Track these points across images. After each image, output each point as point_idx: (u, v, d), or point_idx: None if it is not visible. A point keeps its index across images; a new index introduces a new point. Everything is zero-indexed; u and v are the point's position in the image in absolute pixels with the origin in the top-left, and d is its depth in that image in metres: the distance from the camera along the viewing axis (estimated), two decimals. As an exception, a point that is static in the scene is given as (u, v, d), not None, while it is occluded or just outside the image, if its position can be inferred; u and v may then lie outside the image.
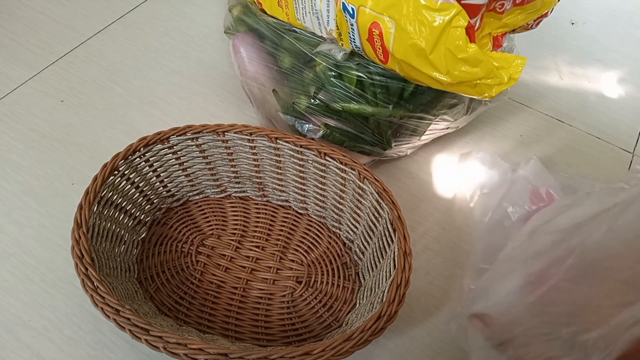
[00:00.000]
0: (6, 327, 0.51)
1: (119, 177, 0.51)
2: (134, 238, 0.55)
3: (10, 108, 0.69)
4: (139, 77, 0.74)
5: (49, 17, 0.82)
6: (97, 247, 0.47)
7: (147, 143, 0.52)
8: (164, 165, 0.56)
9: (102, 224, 0.49)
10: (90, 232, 0.46)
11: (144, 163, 0.54)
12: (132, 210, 0.55)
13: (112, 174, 0.50)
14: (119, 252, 0.51)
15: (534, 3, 0.52)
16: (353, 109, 0.56)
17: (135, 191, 0.54)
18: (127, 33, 0.81)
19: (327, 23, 0.55)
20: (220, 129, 0.53)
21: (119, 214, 0.53)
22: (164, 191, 0.58)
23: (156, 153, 0.54)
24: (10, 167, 0.63)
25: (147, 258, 0.56)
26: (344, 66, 0.55)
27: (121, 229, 0.53)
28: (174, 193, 0.59)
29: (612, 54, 0.84)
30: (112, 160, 0.50)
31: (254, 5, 0.63)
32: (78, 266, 0.42)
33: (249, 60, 0.63)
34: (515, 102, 0.76)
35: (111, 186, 0.50)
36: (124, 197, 0.53)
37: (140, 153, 0.52)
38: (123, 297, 0.44)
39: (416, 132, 0.61)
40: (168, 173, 0.57)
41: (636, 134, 0.73)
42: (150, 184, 0.56)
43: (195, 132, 0.54)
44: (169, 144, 0.54)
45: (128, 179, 0.52)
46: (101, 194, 0.49)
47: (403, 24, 0.46)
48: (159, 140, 0.53)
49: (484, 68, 0.45)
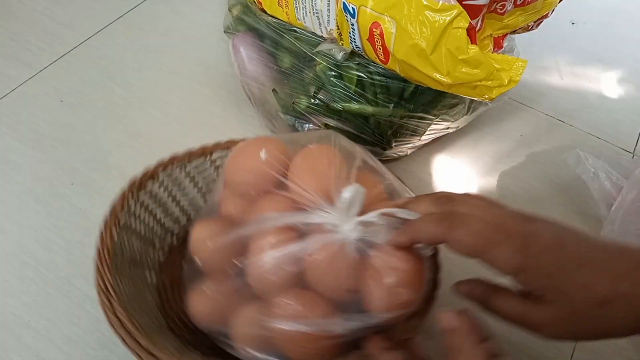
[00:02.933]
0: (6, 327, 0.51)
1: (138, 204, 0.49)
2: (154, 262, 0.52)
3: (10, 108, 0.69)
4: (139, 77, 0.74)
5: (49, 17, 0.82)
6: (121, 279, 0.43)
7: (164, 167, 0.50)
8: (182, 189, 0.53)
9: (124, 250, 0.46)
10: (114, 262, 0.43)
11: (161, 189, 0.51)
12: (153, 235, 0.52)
13: (133, 198, 0.48)
14: (140, 279, 0.48)
15: (534, 4, 0.51)
16: (353, 108, 0.56)
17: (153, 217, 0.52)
18: (127, 33, 0.80)
19: (328, 23, 0.55)
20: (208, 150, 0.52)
21: (139, 239, 0.49)
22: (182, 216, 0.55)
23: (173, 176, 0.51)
24: (10, 167, 0.63)
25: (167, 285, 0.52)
26: (344, 66, 0.55)
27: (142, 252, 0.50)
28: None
29: (612, 54, 0.84)
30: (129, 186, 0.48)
31: (253, 4, 0.63)
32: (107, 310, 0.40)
33: (248, 59, 0.63)
34: (516, 102, 0.76)
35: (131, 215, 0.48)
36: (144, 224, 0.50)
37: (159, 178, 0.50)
38: (149, 332, 0.41)
39: (416, 132, 0.61)
40: (187, 197, 0.54)
41: (636, 134, 0.73)
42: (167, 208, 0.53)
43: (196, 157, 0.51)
44: (185, 169, 0.51)
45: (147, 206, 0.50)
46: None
47: (404, 24, 0.46)
48: (176, 160, 0.51)
49: (484, 70, 0.45)
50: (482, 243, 0.30)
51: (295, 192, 0.39)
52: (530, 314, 0.30)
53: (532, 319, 0.30)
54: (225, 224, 0.43)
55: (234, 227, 0.41)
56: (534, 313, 0.30)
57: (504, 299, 0.32)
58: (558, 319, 0.29)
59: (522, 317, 0.31)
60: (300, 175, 0.39)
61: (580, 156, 0.61)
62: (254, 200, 0.41)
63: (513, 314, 0.32)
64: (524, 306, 0.31)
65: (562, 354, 0.52)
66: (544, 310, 0.30)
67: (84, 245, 0.57)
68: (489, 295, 0.33)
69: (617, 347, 0.53)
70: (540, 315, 0.30)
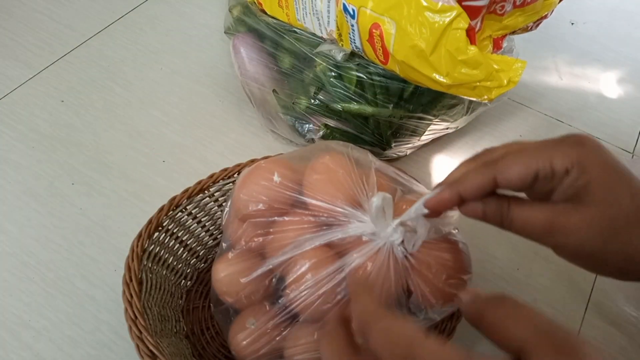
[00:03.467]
0: (6, 327, 0.51)
1: (164, 232, 0.47)
2: (180, 289, 0.51)
3: (10, 108, 0.69)
4: (139, 77, 0.74)
5: (49, 17, 0.82)
6: (149, 305, 0.43)
7: (189, 195, 0.48)
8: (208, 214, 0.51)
9: (151, 277, 0.45)
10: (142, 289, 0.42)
11: (187, 216, 0.49)
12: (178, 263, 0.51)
13: (156, 229, 0.46)
14: (165, 304, 0.47)
15: (534, 5, 0.52)
16: (353, 109, 0.56)
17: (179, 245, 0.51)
18: (127, 33, 0.81)
19: (328, 24, 0.55)
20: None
21: (164, 268, 0.48)
22: (210, 239, 0.54)
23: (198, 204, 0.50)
24: (10, 167, 0.63)
25: (193, 310, 0.51)
26: (344, 67, 0.55)
27: (167, 281, 0.49)
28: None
29: (612, 54, 0.84)
30: (156, 215, 0.46)
31: (254, 5, 0.63)
32: (132, 329, 0.38)
33: (249, 60, 0.63)
34: (515, 102, 0.76)
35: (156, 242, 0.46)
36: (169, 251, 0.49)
37: (182, 206, 0.48)
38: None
39: (416, 132, 0.61)
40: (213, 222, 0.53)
41: (636, 134, 0.73)
42: (195, 234, 0.52)
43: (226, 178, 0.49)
44: (209, 192, 0.50)
45: (172, 233, 0.48)
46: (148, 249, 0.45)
47: (404, 25, 0.46)
48: (200, 190, 0.48)
49: (483, 70, 0.45)
50: (534, 156, 0.29)
51: (320, 207, 0.37)
52: (564, 217, 0.28)
53: (566, 223, 0.28)
54: (246, 257, 0.41)
55: (259, 257, 0.39)
56: (569, 216, 0.28)
57: (528, 207, 0.30)
58: (596, 223, 0.27)
59: (551, 223, 0.28)
60: (320, 190, 0.37)
61: None
62: (272, 225, 0.40)
63: (542, 221, 0.29)
64: (555, 210, 0.28)
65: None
66: (583, 211, 0.27)
67: (84, 245, 0.57)
68: (506, 208, 0.30)
69: (617, 347, 0.53)
70: (577, 217, 0.27)
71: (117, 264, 0.56)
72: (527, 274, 0.57)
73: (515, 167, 0.29)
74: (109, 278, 0.55)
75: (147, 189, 0.62)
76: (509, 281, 0.57)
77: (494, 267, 0.58)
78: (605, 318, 0.55)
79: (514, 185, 0.29)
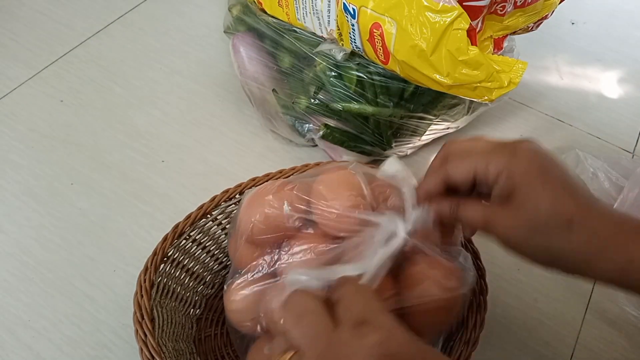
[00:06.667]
0: (6, 327, 0.51)
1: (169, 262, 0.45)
2: (189, 319, 0.48)
3: (10, 108, 0.69)
4: (139, 77, 0.74)
5: (49, 17, 0.82)
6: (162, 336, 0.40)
7: (192, 221, 0.46)
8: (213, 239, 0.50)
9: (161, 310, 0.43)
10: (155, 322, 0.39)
11: (191, 243, 0.47)
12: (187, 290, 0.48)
13: (162, 261, 0.43)
14: (178, 337, 0.44)
15: (535, 5, 0.51)
16: (353, 109, 0.56)
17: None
18: (127, 33, 0.80)
19: (328, 23, 0.55)
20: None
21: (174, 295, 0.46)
22: (216, 264, 0.51)
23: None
24: (10, 167, 0.63)
25: (205, 339, 0.48)
26: (344, 66, 0.55)
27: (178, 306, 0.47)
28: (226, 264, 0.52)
29: (612, 54, 0.84)
30: (161, 244, 0.44)
31: (253, 4, 0.63)
32: None
33: (248, 59, 0.63)
34: (516, 102, 0.76)
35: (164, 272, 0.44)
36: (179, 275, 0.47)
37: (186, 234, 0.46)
38: None
39: (416, 132, 0.61)
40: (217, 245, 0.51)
41: (636, 134, 0.73)
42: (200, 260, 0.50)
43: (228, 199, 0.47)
44: (212, 215, 0.47)
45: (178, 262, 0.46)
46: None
47: (404, 25, 0.46)
48: (203, 214, 0.46)
49: (484, 71, 0.45)
50: (474, 161, 0.33)
51: (329, 220, 0.37)
52: (495, 216, 0.32)
53: (496, 222, 0.32)
54: (258, 282, 0.39)
55: (271, 279, 0.38)
56: (499, 216, 0.32)
57: (471, 206, 0.34)
58: (518, 223, 0.31)
59: (487, 220, 0.33)
60: (330, 198, 0.37)
61: (580, 156, 0.61)
62: (283, 247, 0.39)
63: (480, 218, 0.33)
64: (490, 210, 0.33)
65: (561, 354, 0.52)
66: (509, 214, 0.32)
67: (83, 245, 0.57)
68: (455, 208, 0.35)
69: (618, 347, 0.53)
70: (505, 217, 0.32)
71: (116, 264, 0.56)
72: (527, 274, 0.57)
73: (458, 170, 0.34)
74: (108, 278, 0.55)
75: (146, 188, 0.62)
76: (509, 281, 0.57)
77: (494, 267, 0.58)
78: (606, 318, 0.55)
79: (460, 186, 0.34)
